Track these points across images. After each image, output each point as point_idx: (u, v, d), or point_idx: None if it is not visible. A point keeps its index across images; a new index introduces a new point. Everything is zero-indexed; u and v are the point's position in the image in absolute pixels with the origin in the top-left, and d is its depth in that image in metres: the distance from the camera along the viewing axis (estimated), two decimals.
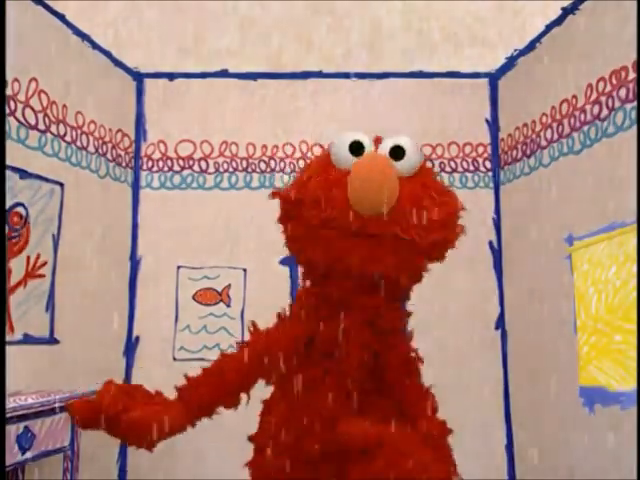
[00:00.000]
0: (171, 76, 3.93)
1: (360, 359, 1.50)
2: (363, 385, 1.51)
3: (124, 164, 3.80)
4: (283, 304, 3.71)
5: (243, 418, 3.84)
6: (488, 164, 3.90)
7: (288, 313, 1.74)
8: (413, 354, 1.67)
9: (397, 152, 1.49)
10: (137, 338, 3.75)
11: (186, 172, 3.90)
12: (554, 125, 3.26)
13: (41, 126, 3.08)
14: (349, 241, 1.44)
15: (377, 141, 1.55)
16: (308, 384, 1.55)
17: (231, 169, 3.89)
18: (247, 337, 1.85)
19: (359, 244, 1.44)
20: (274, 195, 1.68)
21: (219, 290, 3.80)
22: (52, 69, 3.14)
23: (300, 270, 1.74)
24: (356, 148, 1.49)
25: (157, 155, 3.91)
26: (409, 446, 1.40)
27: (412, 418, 1.54)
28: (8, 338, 2.76)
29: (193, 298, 3.80)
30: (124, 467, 3.64)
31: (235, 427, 3.70)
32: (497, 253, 3.82)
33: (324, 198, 1.45)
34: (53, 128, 3.17)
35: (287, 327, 1.65)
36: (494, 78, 3.91)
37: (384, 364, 1.56)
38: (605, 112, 2.83)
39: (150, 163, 3.91)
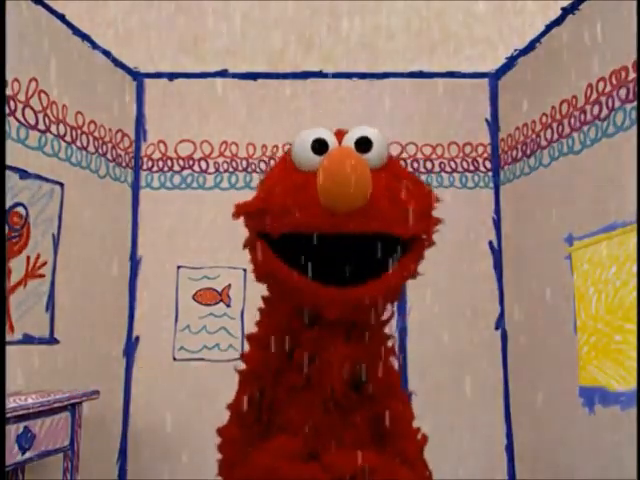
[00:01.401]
0: (171, 76, 3.93)
1: (340, 369, 1.41)
2: (345, 395, 1.43)
3: (124, 164, 3.80)
4: None
5: None
6: (488, 164, 3.90)
7: (256, 330, 1.61)
8: (392, 358, 1.57)
9: (363, 144, 1.37)
10: (137, 338, 3.75)
11: (186, 172, 3.90)
12: (554, 125, 3.26)
13: (41, 126, 3.08)
14: (327, 291, 1.32)
15: (339, 135, 1.43)
16: (289, 395, 1.47)
17: (231, 169, 3.89)
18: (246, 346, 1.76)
19: (340, 293, 1.32)
20: (237, 213, 1.51)
21: (219, 290, 3.80)
22: (52, 69, 3.14)
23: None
24: (319, 147, 1.37)
25: (157, 155, 3.91)
26: (392, 471, 1.38)
27: (392, 434, 1.47)
28: (8, 338, 2.76)
29: (193, 298, 3.80)
30: (124, 467, 3.65)
31: None
32: (497, 253, 3.82)
33: (292, 202, 1.33)
34: (53, 128, 3.17)
35: (259, 355, 1.55)
36: (494, 78, 3.91)
37: (366, 374, 1.47)
38: (605, 112, 2.83)
39: (150, 163, 3.91)
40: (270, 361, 1.49)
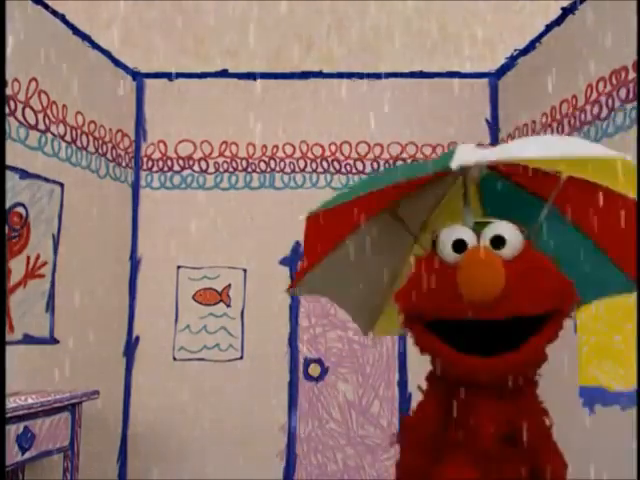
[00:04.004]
0: (171, 76, 3.93)
1: (490, 427, 1.58)
2: (499, 451, 1.59)
3: (124, 164, 3.81)
4: (283, 304, 3.75)
5: (242, 419, 3.86)
6: None
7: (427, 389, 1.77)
8: (545, 418, 1.76)
9: (497, 241, 1.56)
10: (137, 338, 3.75)
11: (186, 172, 3.90)
12: (554, 125, 3.26)
13: (41, 126, 3.08)
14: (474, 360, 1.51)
15: (479, 234, 1.61)
16: (449, 452, 1.61)
17: (231, 169, 3.89)
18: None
19: (483, 362, 1.52)
20: (395, 299, 1.70)
21: (219, 290, 3.80)
22: (52, 69, 3.14)
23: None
24: (459, 245, 1.57)
25: (157, 155, 3.91)
26: None
27: None
28: (8, 338, 2.76)
29: (193, 298, 3.80)
30: (124, 467, 3.65)
31: (234, 428, 3.72)
32: None
33: (437, 293, 1.55)
34: (53, 128, 3.18)
35: (426, 410, 1.70)
36: (494, 78, 3.91)
37: (519, 430, 1.63)
38: (605, 112, 2.82)
39: (150, 163, 3.91)
40: (436, 421, 1.65)
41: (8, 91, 2.83)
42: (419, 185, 1.74)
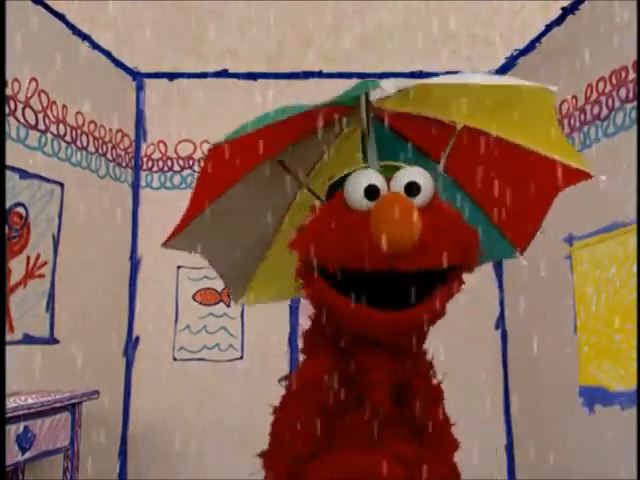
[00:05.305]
0: (171, 76, 3.93)
1: (383, 390, 1.52)
2: (392, 410, 1.54)
3: (124, 164, 3.81)
4: (283, 304, 3.74)
5: (242, 419, 3.85)
6: None
7: (307, 349, 1.70)
8: (435, 381, 1.70)
9: (412, 188, 1.49)
10: (137, 338, 3.75)
11: (186, 172, 3.90)
12: None
13: (41, 126, 3.08)
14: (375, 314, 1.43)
15: (389, 179, 1.52)
16: (341, 413, 1.57)
17: None
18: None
19: (392, 317, 1.43)
20: (292, 247, 1.54)
21: (219, 290, 3.80)
22: (52, 69, 3.14)
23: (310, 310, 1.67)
24: (371, 191, 1.47)
25: (157, 155, 3.91)
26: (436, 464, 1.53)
27: (434, 439, 1.61)
28: (8, 338, 2.76)
29: (193, 298, 3.80)
30: (124, 467, 3.64)
31: (234, 428, 3.71)
32: None
33: (347, 242, 1.43)
34: (53, 128, 3.18)
35: (313, 366, 1.62)
36: None
37: (408, 392, 1.59)
38: (605, 112, 2.83)
39: (150, 163, 3.91)
40: (325, 381, 1.57)
41: (8, 91, 2.83)
42: (304, 135, 1.66)
